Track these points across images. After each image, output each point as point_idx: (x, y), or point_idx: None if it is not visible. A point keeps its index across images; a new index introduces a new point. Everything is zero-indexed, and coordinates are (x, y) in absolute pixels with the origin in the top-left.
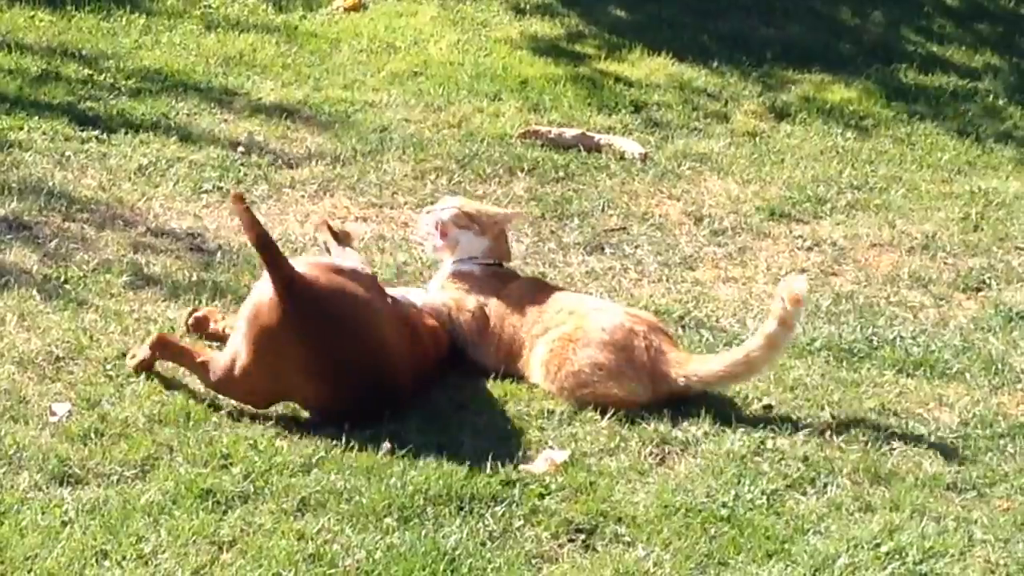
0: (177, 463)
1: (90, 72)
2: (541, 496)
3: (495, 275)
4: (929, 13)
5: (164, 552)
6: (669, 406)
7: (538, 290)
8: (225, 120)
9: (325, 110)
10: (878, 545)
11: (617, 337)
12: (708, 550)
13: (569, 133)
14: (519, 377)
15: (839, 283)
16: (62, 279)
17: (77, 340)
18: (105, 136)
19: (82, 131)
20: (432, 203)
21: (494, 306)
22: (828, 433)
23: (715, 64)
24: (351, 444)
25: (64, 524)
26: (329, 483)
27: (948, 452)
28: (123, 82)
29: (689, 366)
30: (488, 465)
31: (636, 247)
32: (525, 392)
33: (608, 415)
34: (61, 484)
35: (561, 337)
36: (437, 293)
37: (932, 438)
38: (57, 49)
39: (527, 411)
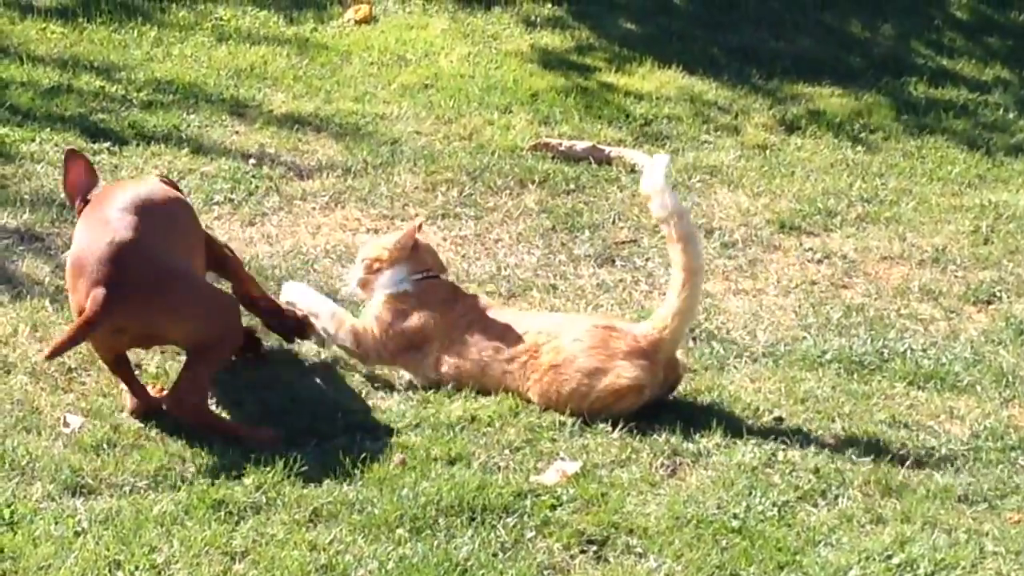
0: (189, 474)
1: (102, 84)
2: (553, 507)
3: (432, 287)
4: (939, 26)
5: (177, 563)
6: (680, 418)
7: (487, 313)
8: (237, 132)
9: (336, 122)
10: (889, 557)
11: (594, 338)
12: (719, 561)
13: (580, 146)
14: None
15: (850, 296)
16: None
17: (90, 351)
18: (117, 148)
19: (94, 143)
20: (443, 216)
21: (437, 321)
22: (839, 445)
23: (725, 77)
24: (363, 455)
25: (77, 534)
26: (341, 494)
27: (959, 464)
28: (135, 94)
29: (658, 324)
30: (500, 476)
31: (647, 259)
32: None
33: (620, 426)
34: (74, 494)
35: (545, 369)
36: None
37: (943, 450)
38: (69, 61)
39: (538, 422)
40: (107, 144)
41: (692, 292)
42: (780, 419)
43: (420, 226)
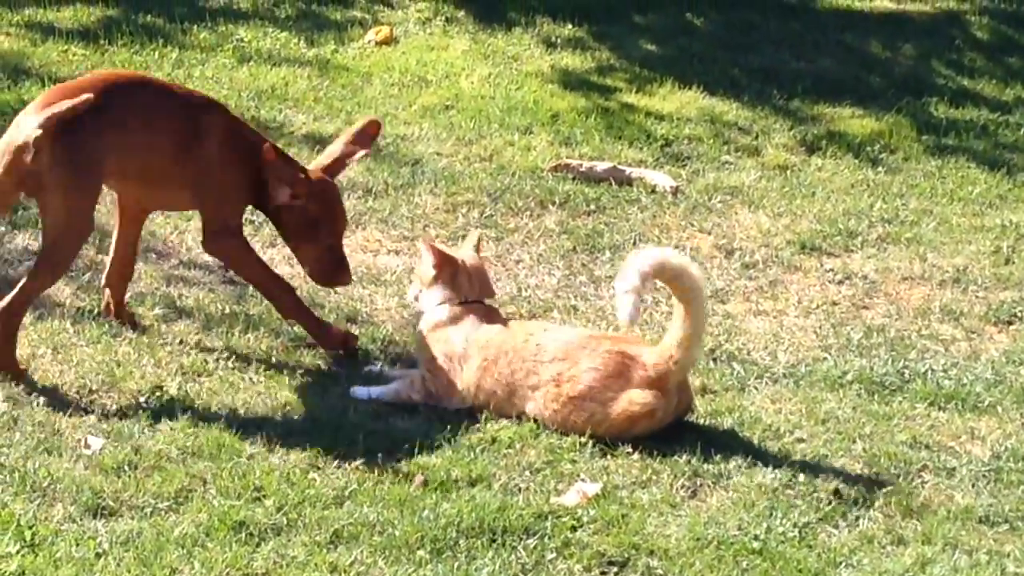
0: (210, 495)
1: None
2: (573, 529)
3: (469, 311)
4: (960, 47)
5: None
6: (700, 439)
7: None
8: None
9: None
10: None
11: (608, 365)
12: None
13: (600, 167)
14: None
15: (870, 316)
16: (95, 312)
17: (110, 373)
18: None
19: None
20: (463, 237)
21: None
22: (860, 466)
23: (745, 98)
24: (383, 476)
25: (98, 556)
26: (362, 515)
27: (980, 485)
28: None
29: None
30: (520, 498)
31: None
32: None
33: (640, 448)
34: (95, 516)
35: (563, 401)
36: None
37: (964, 471)
38: None
39: (559, 443)
40: None
41: (696, 318)
42: (801, 440)
43: (479, 243)
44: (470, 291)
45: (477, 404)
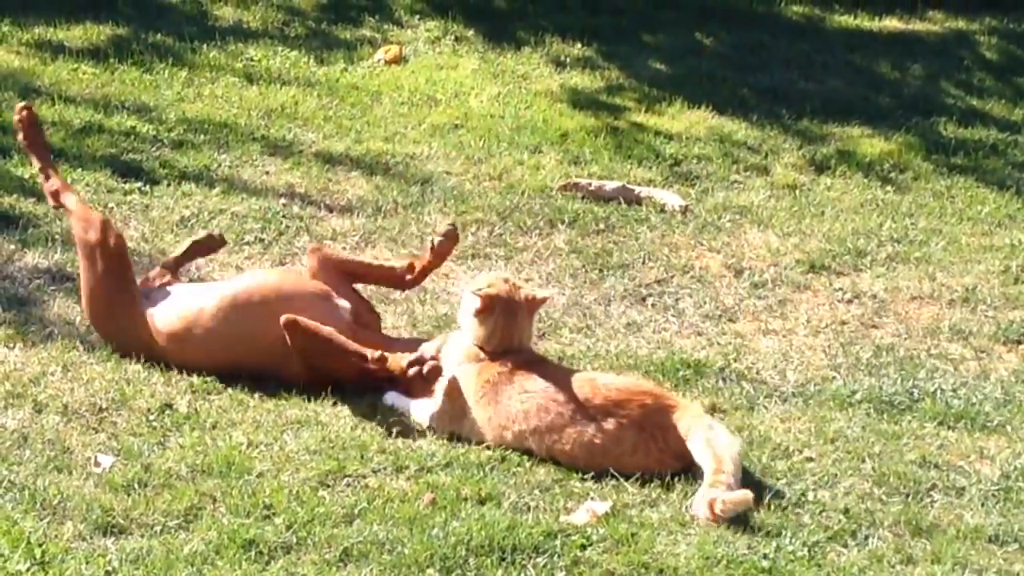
0: (220, 513)
1: (133, 124)
2: (583, 547)
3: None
4: (968, 67)
5: None
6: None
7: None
8: (267, 172)
9: (366, 162)
10: None
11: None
12: None
13: (609, 186)
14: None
15: (879, 335)
16: None
17: (120, 391)
18: (148, 188)
19: (125, 183)
20: (473, 256)
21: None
22: (869, 485)
23: (755, 117)
24: (393, 495)
25: (108, 574)
26: (371, 534)
27: (990, 505)
28: (166, 134)
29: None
30: (530, 516)
31: (677, 299)
32: None
33: None
34: (105, 534)
35: (577, 447)
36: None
37: (973, 490)
38: (101, 102)
39: None
40: (138, 184)
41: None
42: (810, 459)
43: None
44: None
45: None
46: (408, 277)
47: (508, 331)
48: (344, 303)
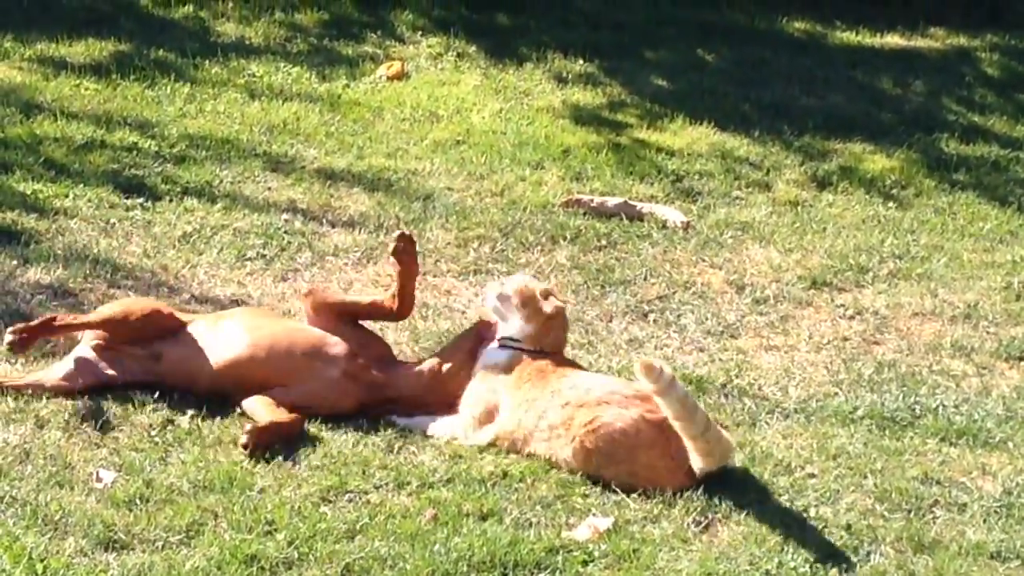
0: (222, 529)
1: (135, 140)
2: (585, 563)
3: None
4: (970, 83)
5: None
6: (712, 474)
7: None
8: (269, 188)
9: (368, 178)
10: None
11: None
12: None
13: (611, 202)
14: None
15: (881, 352)
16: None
17: (122, 406)
18: (150, 204)
19: (127, 199)
20: (475, 272)
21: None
22: (871, 501)
23: (756, 133)
24: (394, 510)
25: None
26: (373, 549)
27: (992, 521)
28: (167, 150)
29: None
30: (531, 532)
31: (679, 315)
32: None
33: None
34: (107, 549)
35: (584, 454)
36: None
37: (975, 507)
38: (103, 117)
39: (570, 478)
40: (140, 200)
41: None
42: (812, 475)
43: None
44: None
45: None
46: (394, 307)
47: (559, 335)
48: (338, 350)
